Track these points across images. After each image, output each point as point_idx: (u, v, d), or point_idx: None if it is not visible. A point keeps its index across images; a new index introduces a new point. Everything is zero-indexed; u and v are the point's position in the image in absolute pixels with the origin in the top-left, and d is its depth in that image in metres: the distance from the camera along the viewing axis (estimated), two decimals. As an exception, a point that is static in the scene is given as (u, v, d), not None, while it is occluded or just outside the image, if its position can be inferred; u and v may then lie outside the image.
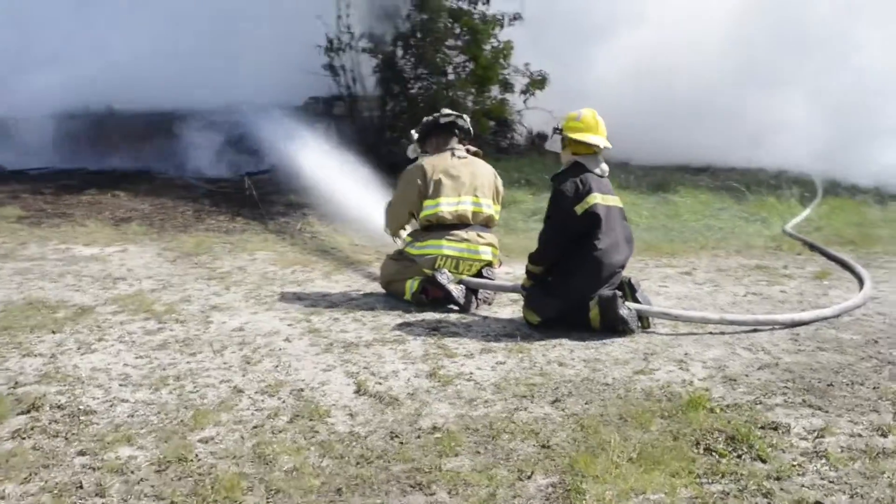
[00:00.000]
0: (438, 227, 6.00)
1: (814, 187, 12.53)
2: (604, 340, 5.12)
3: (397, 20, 13.92)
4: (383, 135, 14.14)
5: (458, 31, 13.77)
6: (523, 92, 13.86)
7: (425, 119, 6.34)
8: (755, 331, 5.31)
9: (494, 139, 14.41)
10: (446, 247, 5.96)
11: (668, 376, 4.50)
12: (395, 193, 6.36)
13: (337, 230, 9.00)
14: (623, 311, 5.17)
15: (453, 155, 6.16)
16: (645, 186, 11.61)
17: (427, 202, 6.01)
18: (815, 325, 5.43)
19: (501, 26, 13.94)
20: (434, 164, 6.08)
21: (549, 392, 4.25)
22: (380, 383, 4.38)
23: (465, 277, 5.97)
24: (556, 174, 5.48)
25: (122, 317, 5.59)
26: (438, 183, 6.00)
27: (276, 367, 4.62)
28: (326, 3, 13.22)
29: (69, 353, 4.83)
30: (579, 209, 5.25)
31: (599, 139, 5.37)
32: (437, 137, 6.28)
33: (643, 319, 5.33)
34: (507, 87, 14.17)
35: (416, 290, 5.93)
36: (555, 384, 4.36)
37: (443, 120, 6.23)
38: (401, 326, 5.43)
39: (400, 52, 14.02)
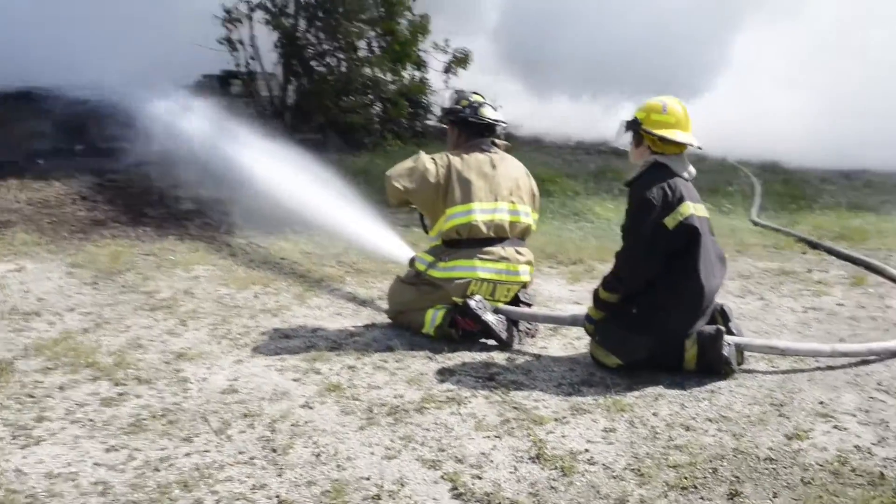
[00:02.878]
0: (469, 241, 4.76)
1: (734, 168, 12.12)
2: (707, 386, 4.09)
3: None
4: (285, 117, 12.63)
5: (370, 2, 12.39)
6: (446, 70, 12.65)
7: (453, 107, 5.02)
8: (864, 362, 4.41)
9: (410, 123, 13.15)
10: (481, 268, 4.73)
11: (832, 441, 3.50)
12: (401, 167, 4.89)
13: (273, 233, 7.55)
14: (726, 351, 4.15)
15: (482, 150, 4.91)
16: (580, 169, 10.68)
17: (455, 209, 4.74)
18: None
19: (414, -1, 12.68)
20: (463, 157, 4.82)
21: (710, 478, 3.16)
22: (478, 477, 3.15)
23: (502, 306, 4.77)
24: (632, 178, 4.36)
25: (59, 377, 4.07)
26: (468, 183, 4.74)
27: (318, 455, 3.30)
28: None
29: (3, 448, 3.32)
30: (670, 222, 4.16)
31: (691, 137, 4.30)
32: (462, 130, 5.00)
33: (740, 354, 4.32)
34: (421, 65, 12.92)
35: (440, 324, 4.68)
36: (705, 463, 3.27)
37: (472, 119, 4.94)
38: (443, 376, 4.20)
39: (304, 25, 12.50)
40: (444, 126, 5.18)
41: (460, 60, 12.58)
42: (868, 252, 7.20)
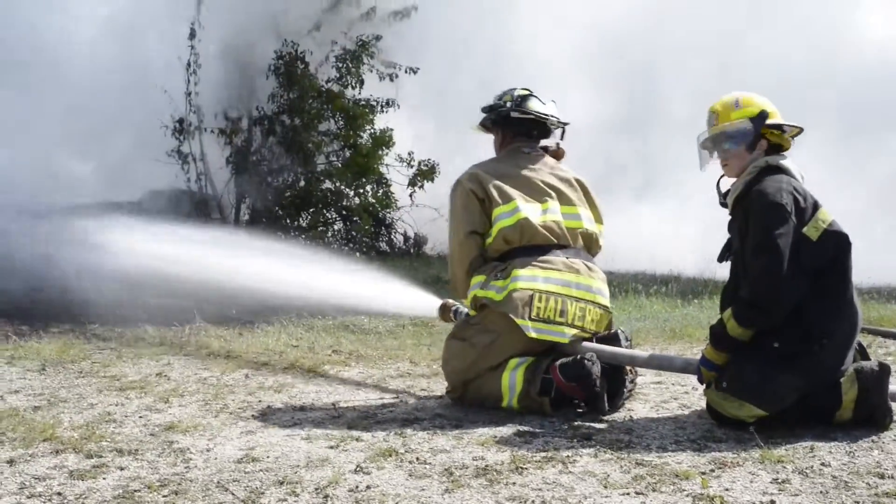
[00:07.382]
0: (523, 249, 3.76)
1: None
2: (862, 439, 3.17)
3: (255, 100, 11.79)
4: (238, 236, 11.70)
5: (329, 114, 11.82)
6: (410, 184, 11.99)
7: (492, 105, 4.15)
8: None
9: (372, 241, 12.35)
10: (542, 277, 3.69)
11: None
12: (449, 228, 4.00)
13: (247, 327, 6.51)
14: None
15: (523, 152, 4.04)
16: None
17: (498, 210, 3.79)
18: None
19: (375, 113, 12.15)
20: (489, 168, 3.95)
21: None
22: (649, 537, 2.16)
23: (586, 343, 3.74)
24: (742, 189, 3.50)
25: (7, 451, 2.97)
26: (504, 179, 3.86)
27: (405, 522, 2.28)
28: (175, 75, 10.86)
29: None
30: (813, 232, 3.29)
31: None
32: (506, 130, 4.10)
33: (883, 404, 3.45)
34: (381, 180, 12.26)
35: (523, 389, 3.58)
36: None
37: (514, 114, 4.02)
38: (524, 437, 3.21)
39: (259, 138, 11.81)
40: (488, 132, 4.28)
41: (426, 173, 11.95)
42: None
